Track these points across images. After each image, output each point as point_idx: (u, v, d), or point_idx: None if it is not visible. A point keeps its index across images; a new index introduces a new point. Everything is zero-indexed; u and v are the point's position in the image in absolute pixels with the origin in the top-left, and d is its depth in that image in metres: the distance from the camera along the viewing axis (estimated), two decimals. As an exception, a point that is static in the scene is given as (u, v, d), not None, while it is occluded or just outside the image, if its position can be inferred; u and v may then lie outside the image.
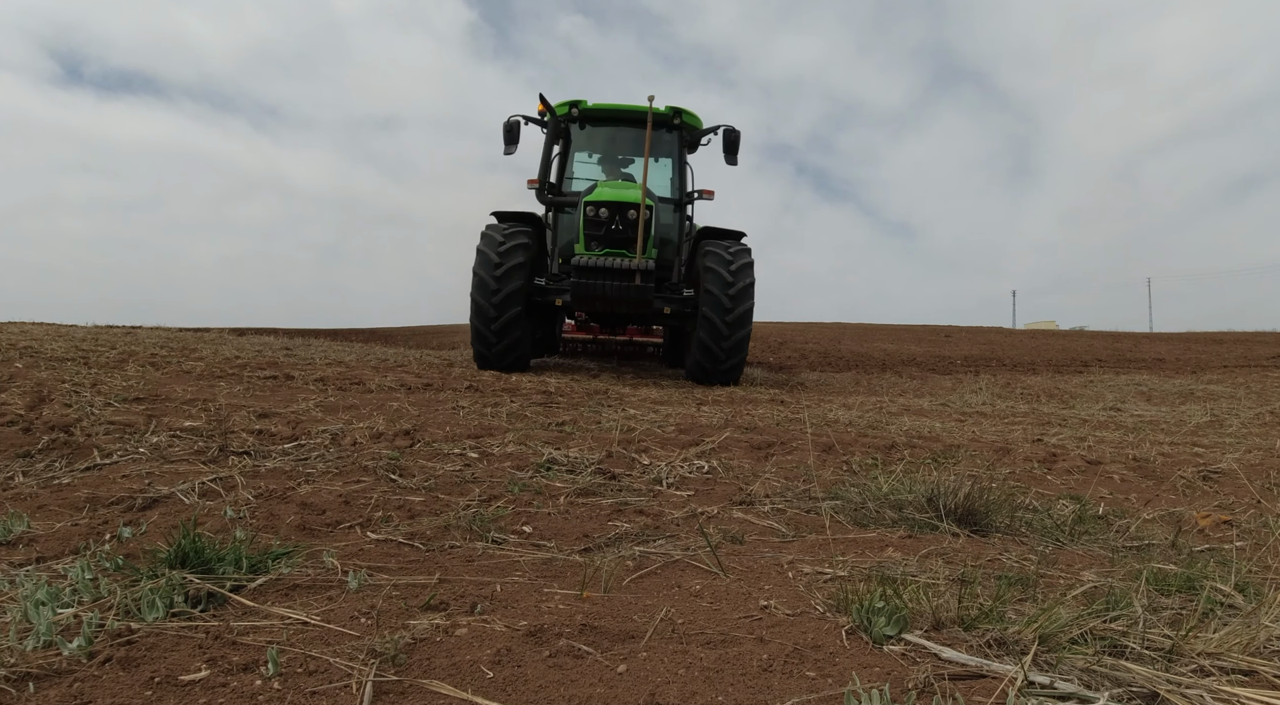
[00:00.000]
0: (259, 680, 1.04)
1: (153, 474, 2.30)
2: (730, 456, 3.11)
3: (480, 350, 7.37)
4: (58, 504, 1.98)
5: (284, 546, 1.61)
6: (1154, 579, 1.56)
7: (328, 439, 3.00)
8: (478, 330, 7.23)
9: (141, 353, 6.33)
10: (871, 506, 2.24)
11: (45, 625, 1.15)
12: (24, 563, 1.54)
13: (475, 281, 7.17)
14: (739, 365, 7.65)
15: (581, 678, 1.07)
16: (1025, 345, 17.35)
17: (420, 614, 1.31)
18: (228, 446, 2.73)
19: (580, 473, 2.65)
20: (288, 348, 8.59)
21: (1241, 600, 1.45)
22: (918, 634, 1.22)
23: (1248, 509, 2.55)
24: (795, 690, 1.04)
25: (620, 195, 7.49)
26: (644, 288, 7.18)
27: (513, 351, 7.38)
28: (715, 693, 1.04)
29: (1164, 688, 1.04)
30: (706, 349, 7.41)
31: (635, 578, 1.57)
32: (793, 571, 1.62)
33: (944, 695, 1.01)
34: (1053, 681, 1.04)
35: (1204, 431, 4.82)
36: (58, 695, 1.00)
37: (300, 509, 1.97)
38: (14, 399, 3.42)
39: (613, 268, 7.14)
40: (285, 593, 1.39)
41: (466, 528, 1.88)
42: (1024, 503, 2.36)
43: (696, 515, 2.13)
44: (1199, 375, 10.73)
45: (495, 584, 1.49)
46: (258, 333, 13.69)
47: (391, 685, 1.04)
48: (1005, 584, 1.47)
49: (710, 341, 7.36)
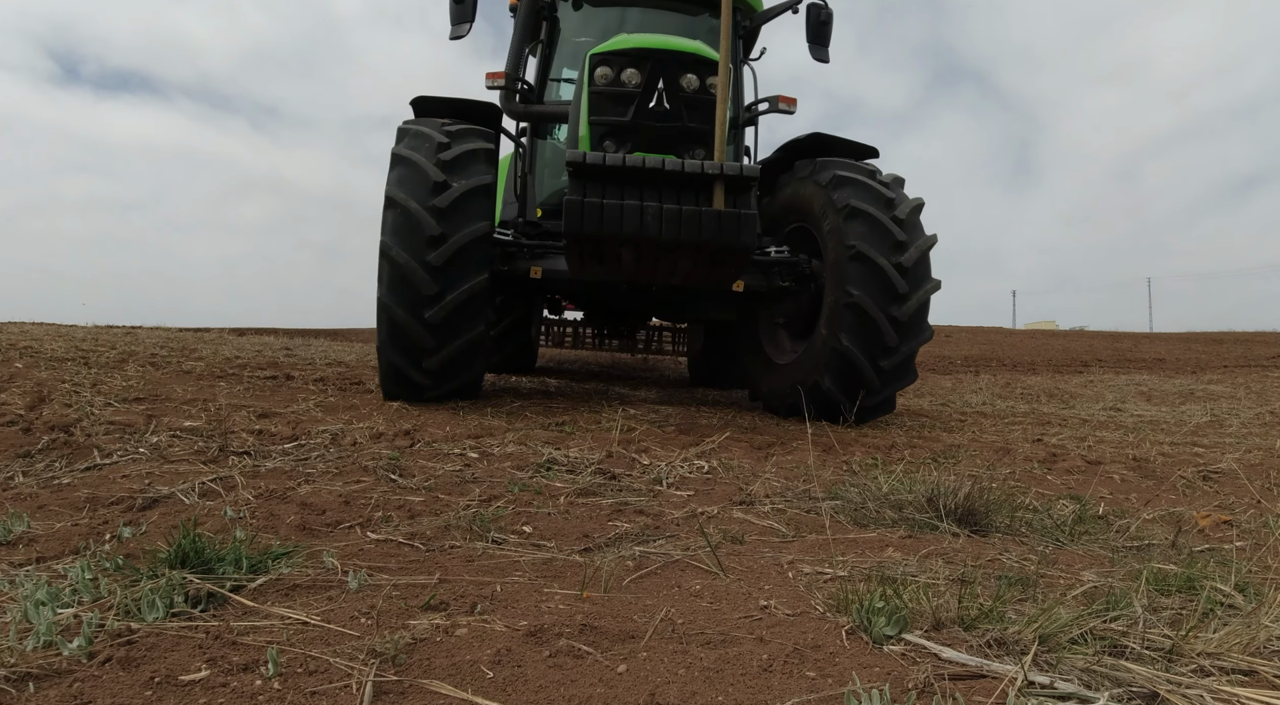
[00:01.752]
0: (259, 680, 1.04)
1: (153, 474, 2.30)
2: (730, 456, 3.11)
3: (399, 364, 3.97)
4: (58, 504, 1.98)
5: (284, 546, 1.61)
6: (1154, 579, 1.55)
7: (328, 439, 3.00)
8: (397, 324, 3.87)
9: (141, 353, 6.33)
10: (871, 506, 2.24)
11: (45, 625, 1.15)
12: (24, 563, 1.54)
13: (394, 226, 3.85)
14: (894, 395, 4.44)
15: (581, 678, 1.07)
16: (1025, 345, 17.35)
17: (420, 614, 1.31)
18: (228, 446, 2.73)
19: (580, 473, 2.65)
20: (288, 348, 8.59)
21: (1241, 600, 1.45)
22: (918, 634, 1.22)
23: (1248, 509, 2.55)
24: (795, 690, 1.04)
25: (670, 43, 4.00)
26: (738, 218, 3.61)
27: (463, 365, 4.08)
28: (715, 693, 1.04)
29: (1164, 688, 1.04)
30: (848, 363, 4.11)
31: (635, 578, 1.57)
32: (793, 571, 1.62)
33: (944, 695, 1.01)
34: (1053, 681, 1.04)
35: (1204, 431, 4.82)
36: (58, 695, 1.00)
37: (300, 509, 1.97)
38: (14, 399, 3.42)
39: (665, 172, 3.59)
40: (285, 593, 1.39)
41: (466, 528, 1.88)
42: (1024, 503, 2.36)
43: (696, 515, 2.13)
44: (1199, 375, 10.73)
45: (495, 584, 1.49)
46: (258, 333, 13.69)
47: (391, 685, 1.04)
48: (1005, 584, 1.47)
49: (857, 349, 4.08)
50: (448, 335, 3.95)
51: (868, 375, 4.15)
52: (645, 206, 3.57)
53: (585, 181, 3.63)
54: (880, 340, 4.10)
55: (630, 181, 3.63)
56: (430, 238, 3.82)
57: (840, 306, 4.15)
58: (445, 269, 3.86)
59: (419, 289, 3.83)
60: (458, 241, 3.85)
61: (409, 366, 4.00)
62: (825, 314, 4.30)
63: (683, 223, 3.57)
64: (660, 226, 3.57)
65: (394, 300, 3.87)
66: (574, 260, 4.01)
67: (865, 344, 4.11)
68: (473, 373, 4.23)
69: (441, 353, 3.97)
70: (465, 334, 3.98)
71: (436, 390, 4.15)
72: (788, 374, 4.66)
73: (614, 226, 3.57)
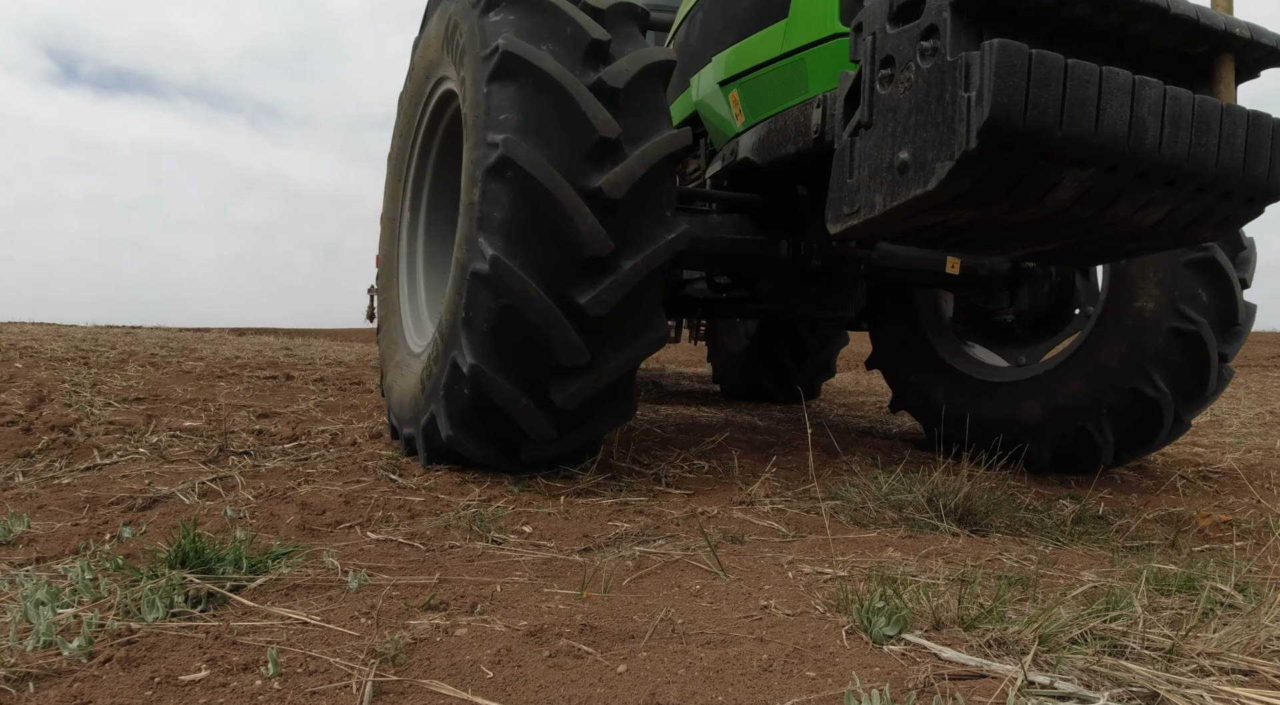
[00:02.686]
0: (259, 680, 1.05)
1: (153, 474, 2.30)
2: (730, 456, 3.11)
3: (502, 396, 2.16)
4: (58, 504, 1.99)
5: (284, 546, 1.61)
6: (1154, 579, 1.56)
7: (328, 439, 3.00)
8: (517, 312, 2.09)
9: (141, 353, 6.33)
10: (871, 506, 2.24)
11: (45, 625, 1.15)
12: (24, 563, 1.54)
13: (524, 113, 2.13)
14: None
15: (581, 678, 1.07)
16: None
17: (420, 614, 1.31)
18: (228, 446, 2.73)
19: (580, 472, 2.65)
20: (288, 348, 8.59)
21: (1241, 600, 1.45)
22: (918, 634, 1.22)
23: (1248, 509, 2.55)
24: (795, 690, 1.04)
25: None
26: (1275, 130, 1.75)
27: (618, 399, 2.40)
28: (715, 693, 1.04)
29: (1164, 688, 1.04)
30: (1150, 411, 2.86)
31: (635, 578, 1.57)
32: (793, 571, 1.62)
33: (944, 695, 1.01)
34: (1053, 681, 1.04)
35: (1204, 431, 4.82)
36: (58, 695, 1.00)
37: (300, 509, 1.97)
38: (14, 399, 3.42)
39: (1166, 12, 1.69)
40: (285, 593, 1.39)
41: (466, 528, 1.89)
42: (1024, 503, 2.36)
43: (696, 515, 2.13)
44: (1199, 375, 10.71)
45: (495, 584, 1.49)
46: (258, 333, 13.70)
47: (391, 685, 1.04)
48: (1005, 584, 1.47)
49: (1172, 395, 2.83)
50: (617, 338, 2.22)
51: (1164, 430, 2.89)
52: (1141, 85, 1.62)
53: (1005, 25, 1.66)
54: (1201, 387, 2.85)
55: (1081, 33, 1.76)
56: (601, 141, 2.13)
57: (1159, 329, 2.76)
58: (626, 208, 2.16)
59: (578, 241, 2.08)
60: (650, 155, 2.18)
61: (521, 400, 2.17)
62: (1108, 330, 2.89)
63: (1195, 127, 1.68)
64: (1160, 131, 1.65)
65: (520, 261, 2.07)
66: (957, 195, 1.69)
67: (1183, 389, 2.84)
68: (623, 414, 2.48)
69: (595, 374, 2.21)
70: (646, 336, 2.29)
71: (552, 450, 2.39)
72: (1016, 404, 3.15)
73: (1085, 121, 1.56)
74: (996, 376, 3.34)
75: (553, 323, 2.10)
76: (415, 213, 3.37)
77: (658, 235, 2.23)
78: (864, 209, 1.85)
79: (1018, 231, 2.06)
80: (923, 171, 1.65)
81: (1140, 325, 2.82)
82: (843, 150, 1.92)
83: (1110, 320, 2.91)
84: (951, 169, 1.59)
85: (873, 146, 1.82)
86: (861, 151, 1.86)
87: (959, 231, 2.03)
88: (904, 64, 1.72)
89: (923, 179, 1.66)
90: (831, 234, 1.97)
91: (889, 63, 1.76)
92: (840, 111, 1.96)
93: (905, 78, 1.72)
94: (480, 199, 2.15)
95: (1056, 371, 3.06)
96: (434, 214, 3.34)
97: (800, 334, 5.36)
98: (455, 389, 2.24)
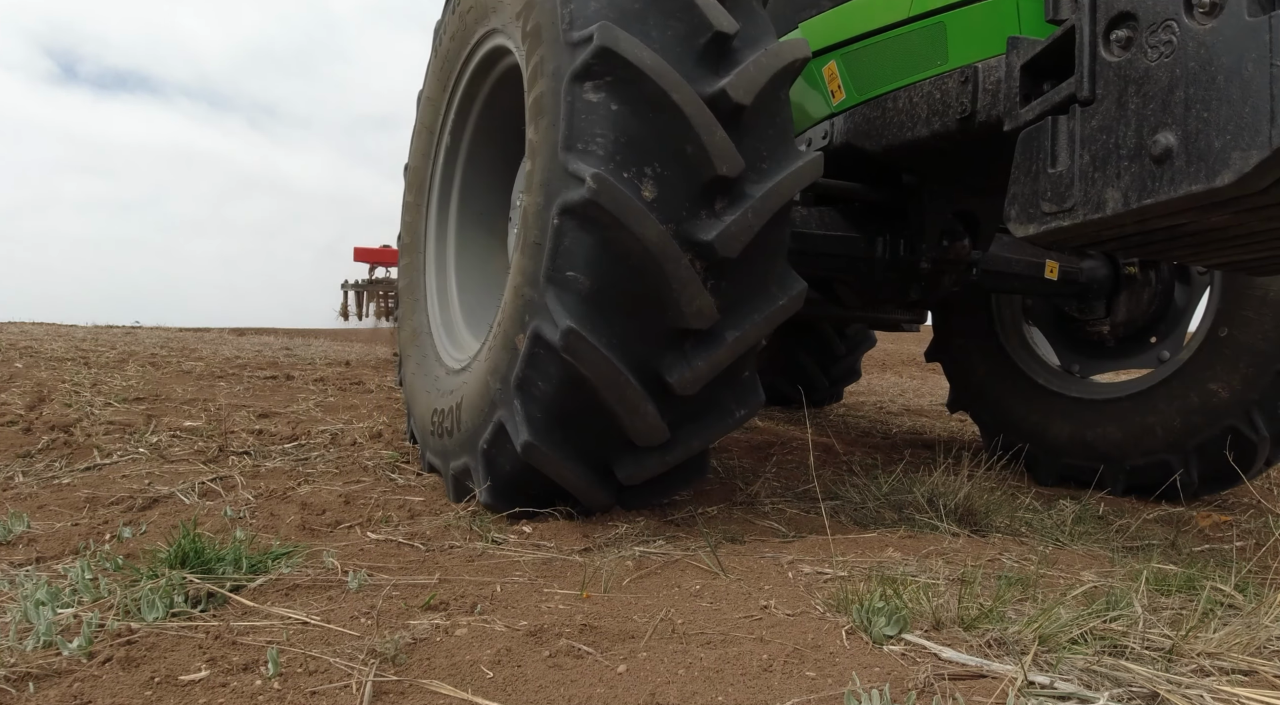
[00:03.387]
0: (259, 680, 1.05)
1: (153, 474, 2.30)
2: (730, 456, 3.11)
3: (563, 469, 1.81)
4: (58, 504, 1.99)
5: (284, 546, 1.61)
6: (1154, 579, 1.56)
7: (328, 439, 3.00)
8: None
9: (141, 353, 6.33)
10: (871, 506, 2.24)
11: (45, 625, 1.15)
12: (24, 563, 1.54)
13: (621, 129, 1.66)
14: None
15: (581, 678, 1.07)
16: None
17: (420, 614, 1.31)
18: (228, 446, 2.73)
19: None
20: (288, 348, 8.59)
21: (1241, 600, 1.45)
22: (918, 634, 1.22)
23: (1248, 509, 2.55)
24: (795, 690, 1.04)
25: None
26: None
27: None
28: (715, 693, 1.04)
29: (1164, 688, 1.04)
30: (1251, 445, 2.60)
31: (635, 578, 1.57)
32: (793, 571, 1.62)
33: (944, 695, 1.01)
34: (1053, 681, 1.04)
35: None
36: (58, 695, 1.00)
37: (300, 509, 1.97)
38: (14, 399, 3.42)
39: None
40: (285, 593, 1.39)
41: (466, 528, 1.88)
42: (1024, 503, 2.36)
43: (696, 515, 2.13)
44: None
45: (495, 584, 1.49)
46: (258, 333, 13.69)
47: (391, 685, 1.04)
48: (1005, 584, 1.47)
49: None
50: (704, 414, 1.90)
51: (1252, 471, 2.69)
52: None
53: None
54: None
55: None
56: (718, 180, 1.72)
57: (1270, 369, 2.53)
58: (737, 267, 1.78)
59: (677, 312, 1.71)
60: (774, 198, 1.77)
61: (581, 482, 1.88)
62: (1209, 363, 2.65)
63: None
64: None
65: (603, 338, 1.69)
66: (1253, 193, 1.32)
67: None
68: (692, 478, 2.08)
69: (672, 452, 1.88)
70: (739, 413, 1.94)
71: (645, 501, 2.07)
72: (1093, 425, 2.91)
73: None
74: (1072, 390, 3.06)
75: (632, 403, 1.71)
76: (450, 170, 2.82)
77: (772, 296, 1.81)
78: (1083, 206, 1.49)
79: (1247, 239, 1.65)
80: (1204, 162, 1.31)
81: (1247, 362, 2.56)
82: (1037, 132, 1.56)
83: (1211, 351, 2.64)
84: (1263, 161, 1.23)
85: (1097, 128, 1.46)
86: (1078, 134, 1.50)
87: (1188, 238, 1.61)
88: (1155, 24, 1.37)
89: (1206, 172, 1.31)
90: (1020, 236, 1.65)
91: (1124, 21, 1.42)
92: (1017, 85, 1.64)
93: (1160, 41, 1.37)
94: (553, 242, 1.68)
95: (1143, 398, 2.80)
96: (470, 175, 2.81)
97: (827, 338, 4.75)
98: (501, 455, 1.88)
